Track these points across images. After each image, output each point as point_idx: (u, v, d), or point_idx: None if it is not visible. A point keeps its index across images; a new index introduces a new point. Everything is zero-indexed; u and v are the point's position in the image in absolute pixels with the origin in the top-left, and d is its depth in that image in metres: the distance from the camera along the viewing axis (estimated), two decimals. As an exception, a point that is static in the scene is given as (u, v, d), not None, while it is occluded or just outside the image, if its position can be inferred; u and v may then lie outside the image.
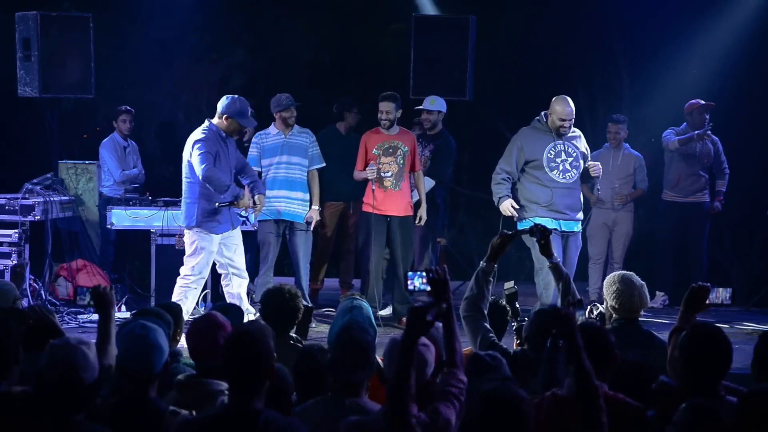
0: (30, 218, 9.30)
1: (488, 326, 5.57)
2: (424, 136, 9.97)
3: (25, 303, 8.92)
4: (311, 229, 9.69)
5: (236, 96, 8.54)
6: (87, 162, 10.72)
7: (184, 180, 8.60)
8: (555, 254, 5.93)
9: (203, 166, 8.23)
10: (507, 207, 8.79)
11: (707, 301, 5.36)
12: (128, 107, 10.99)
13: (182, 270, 8.56)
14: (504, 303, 6.02)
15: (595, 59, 13.58)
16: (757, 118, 11.44)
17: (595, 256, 10.51)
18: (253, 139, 9.71)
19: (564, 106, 8.73)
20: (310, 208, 9.61)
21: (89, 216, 10.47)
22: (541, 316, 5.31)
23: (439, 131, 9.92)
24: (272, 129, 9.63)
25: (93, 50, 9.94)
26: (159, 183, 11.88)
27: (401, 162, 9.36)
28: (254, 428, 3.92)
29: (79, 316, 9.30)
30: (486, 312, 5.65)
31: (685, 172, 10.39)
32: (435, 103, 9.83)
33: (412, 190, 9.54)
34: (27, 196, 9.45)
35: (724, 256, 11.05)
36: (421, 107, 9.92)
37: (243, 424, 3.94)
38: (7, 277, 9.02)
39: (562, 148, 8.81)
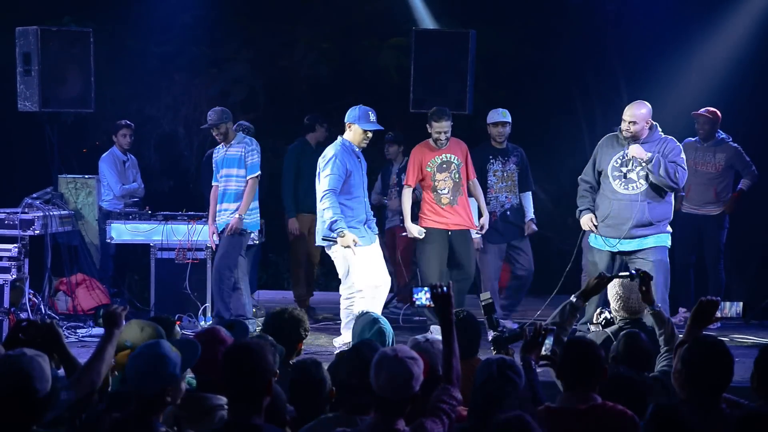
0: (29, 233, 9.28)
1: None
2: (499, 150, 9.80)
3: (24, 317, 8.93)
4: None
5: (359, 105, 8.53)
6: (86, 176, 10.71)
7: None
8: (656, 301, 5.81)
9: (326, 190, 8.29)
10: (585, 222, 8.40)
11: (717, 315, 5.33)
12: (128, 122, 11.00)
13: (343, 291, 8.48)
14: (463, 316, 5.99)
15: (593, 72, 13.61)
16: (756, 130, 11.43)
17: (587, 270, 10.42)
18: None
19: (630, 107, 8.28)
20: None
21: (89, 230, 10.45)
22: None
23: (509, 143, 9.83)
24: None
25: (93, 65, 9.94)
26: (158, 197, 11.91)
27: (456, 176, 9.15)
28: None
29: (78, 331, 9.29)
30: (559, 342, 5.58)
31: (693, 182, 10.08)
32: (507, 114, 9.73)
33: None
34: (26, 210, 9.42)
35: (725, 269, 11.01)
36: (495, 120, 9.74)
37: (243, 438, 3.95)
38: (7, 291, 8.99)
39: (633, 157, 8.24)
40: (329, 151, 8.43)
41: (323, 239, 8.42)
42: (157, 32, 13.29)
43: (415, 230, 9.08)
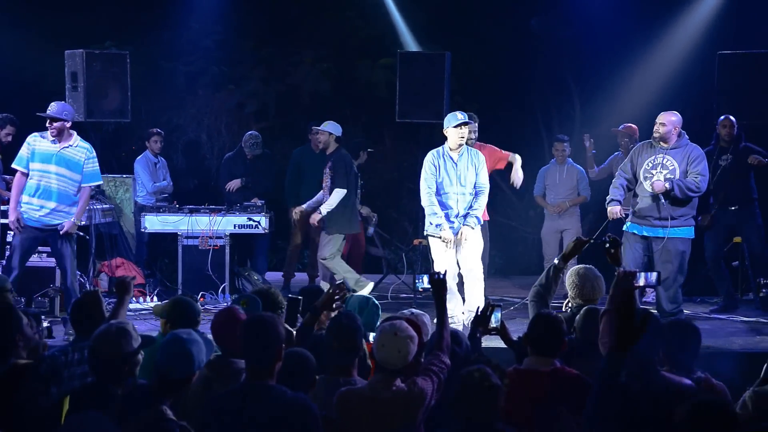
0: (77, 223, 9.29)
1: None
2: (322, 154, 9.66)
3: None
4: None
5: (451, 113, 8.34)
6: (124, 176, 10.71)
7: None
8: (624, 264, 5.68)
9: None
10: (613, 211, 8.27)
11: (635, 284, 5.19)
12: (159, 130, 11.00)
13: None
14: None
15: (551, 88, 13.65)
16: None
17: (548, 256, 10.43)
18: (28, 139, 8.25)
19: (663, 113, 8.19)
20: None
21: (126, 221, 10.46)
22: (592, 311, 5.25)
23: (334, 149, 9.53)
24: (48, 135, 8.16)
25: (130, 82, 9.92)
26: (185, 193, 11.89)
27: None
28: (266, 401, 3.95)
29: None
30: (545, 303, 5.56)
31: None
32: (328, 126, 9.52)
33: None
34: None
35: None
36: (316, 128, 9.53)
37: (256, 397, 3.96)
38: (58, 272, 9.00)
39: (661, 161, 8.14)
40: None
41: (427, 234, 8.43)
42: (184, 54, 13.31)
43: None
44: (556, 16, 12.96)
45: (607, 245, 5.72)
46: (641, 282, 5.50)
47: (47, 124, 8.17)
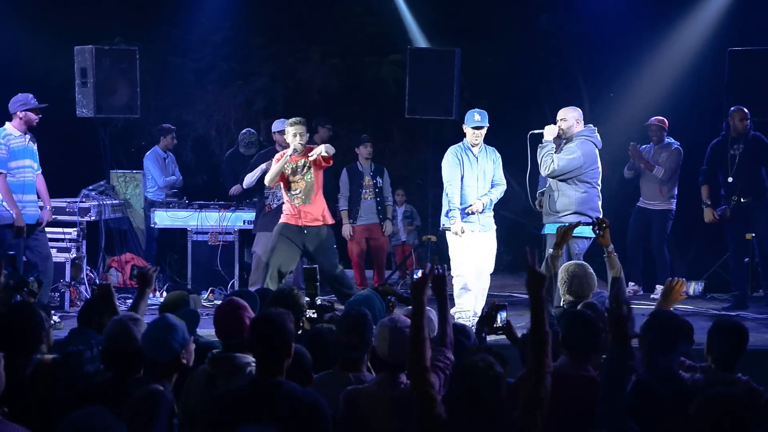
0: (87, 219, 9.31)
1: (552, 312, 5.44)
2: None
3: (83, 289, 8.97)
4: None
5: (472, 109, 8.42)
6: (134, 171, 10.71)
7: None
8: (611, 246, 5.77)
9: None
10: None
11: (684, 294, 5.20)
12: (173, 126, 11.07)
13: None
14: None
15: (560, 84, 13.60)
16: (698, 133, 11.43)
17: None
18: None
19: (563, 109, 8.17)
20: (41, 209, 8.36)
21: (136, 217, 10.46)
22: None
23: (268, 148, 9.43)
24: (13, 131, 8.17)
25: (139, 78, 9.94)
26: (194, 189, 11.89)
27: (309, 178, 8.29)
28: (276, 397, 3.93)
29: (127, 301, 9.27)
30: (551, 295, 5.51)
31: (644, 180, 10.19)
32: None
33: None
34: (84, 200, 9.46)
35: (669, 252, 11.01)
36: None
37: (267, 393, 3.95)
38: (68, 268, 9.02)
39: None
40: None
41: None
42: (193, 50, 13.29)
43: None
44: (566, 12, 12.93)
45: (594, 227, 5.74)
46: (691, 291, 5.48)
47: (36, 117, 8.22)
